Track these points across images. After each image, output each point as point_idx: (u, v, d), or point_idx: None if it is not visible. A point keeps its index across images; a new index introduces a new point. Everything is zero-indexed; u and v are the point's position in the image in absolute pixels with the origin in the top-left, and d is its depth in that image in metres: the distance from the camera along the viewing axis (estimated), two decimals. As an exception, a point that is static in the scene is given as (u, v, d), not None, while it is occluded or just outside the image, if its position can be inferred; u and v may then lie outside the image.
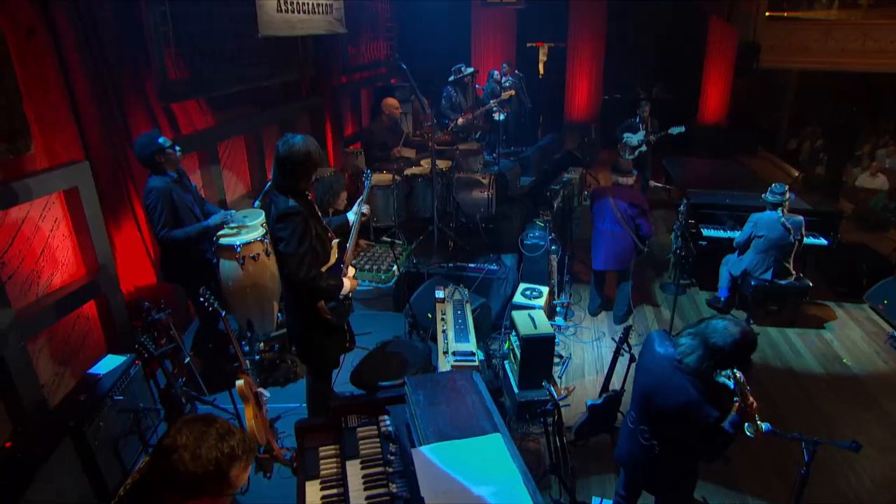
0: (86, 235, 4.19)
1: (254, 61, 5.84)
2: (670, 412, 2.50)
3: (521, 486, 1.92)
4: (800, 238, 5.16)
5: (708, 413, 2.37)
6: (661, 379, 2.54)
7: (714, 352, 2.39)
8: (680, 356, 2.49)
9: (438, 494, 1.90)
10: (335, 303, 3.09)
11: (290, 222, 2.85)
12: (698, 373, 2.43)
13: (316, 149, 2.95)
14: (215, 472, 1.46)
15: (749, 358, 2.49)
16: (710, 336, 2.41)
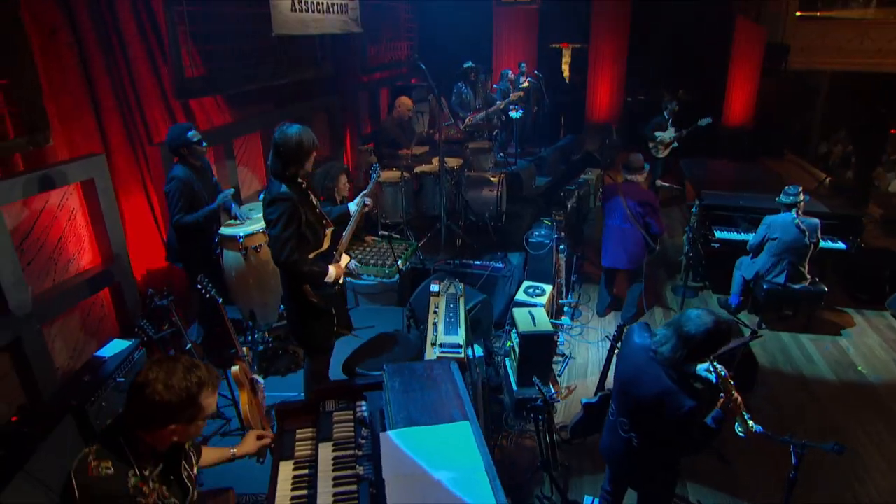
0: (101, 225, 4.36)
1: (269, 60, 5.99)
2: (646, 403, 2.50)
3: (483, 475, 1.94)
4: (815, 241, 5.02)
5: (681, 403, 2.35)
6: (637, 369, 2.55)
7: (686, 340, 2.38)
8: (655, 346, 2.50)
9: (399, 476, 1.94)
10: (321, 287, 3.18)
11: (277, 206, 2.97)
12: (672, 363, 2.42)
13: (309, 138, 3.05)
14: (187, 398, 1.64)
15: (721, 347, 2.45)
16: (683, 325, 2.42)
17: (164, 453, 1.79)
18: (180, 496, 1.84)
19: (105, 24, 4.37)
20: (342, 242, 3.42)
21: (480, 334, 4.51)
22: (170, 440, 1.76)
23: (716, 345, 2.41)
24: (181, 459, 1.89)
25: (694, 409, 2.35)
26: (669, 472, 2.79)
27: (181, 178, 3.86)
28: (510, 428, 4.22)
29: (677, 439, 2.49)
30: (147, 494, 1.71)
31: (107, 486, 1.63)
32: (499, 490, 1.88)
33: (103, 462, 1.66)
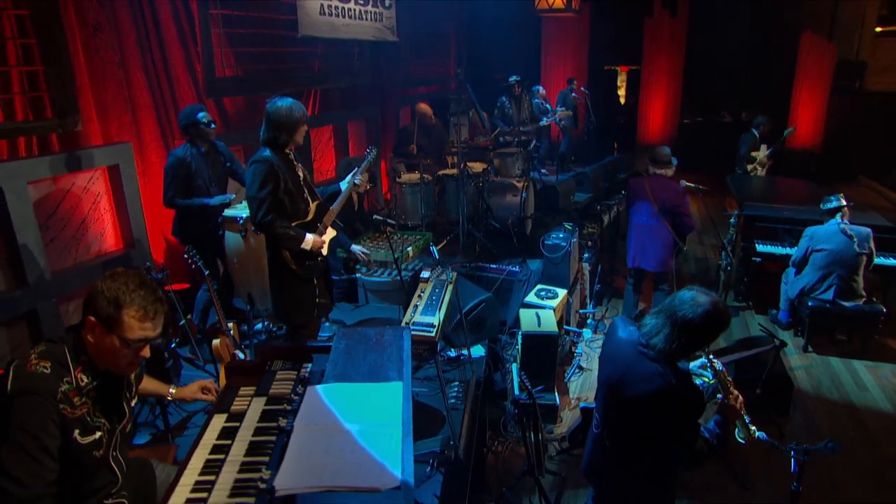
0: (124, 211, 4.59)
1: (305, 66, 6.24)
2: (634, 407, 2.18)
3: (397, 431, 1.81)
4: (868, 252, 4.55)
5: (677, 408, 2.05)
6: (625, 368, 2.22)
7: (682, 326, 2.06)
8: (645, 339, 2.17)
9: (309, 426, 1.85)
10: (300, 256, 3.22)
11: (255, 167, 3.09)
12: (667, 356, 2.10)
13: (299, 110, 3.19)
14: (112, 300, 1.68)
15: (721, 332, 2.13)
16: (677, 310, 2.09)
17: (103, 373, 1.80)
18: (113, 421, 1.84)
19: (145, 25, 4.69)
20: (328, 215, 3.46)
21: (485, 335, 4.35)
22: (105, 361, 1.77)
23: (716, 330, 2.09)
24: (122, 387, 1.90)
25: (694, 414, 2.07)
26: (663, 492, 2.42)
27: (178, 156, 4.00)
28: (509, 435, 4.00)
29: (673, 450, 2.17)
30: (76, 406, 1.72)
31: (38, 383, 1.66)
32: (409, 450, 1.74)
33: (43, 362, 1.70)
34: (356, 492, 1.57)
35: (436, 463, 3.10)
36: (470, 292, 4.42)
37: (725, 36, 9.76)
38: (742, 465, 3.69)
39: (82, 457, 1.71)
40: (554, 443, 3.92)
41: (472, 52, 9.78)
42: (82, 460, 1.72)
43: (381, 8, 6.53)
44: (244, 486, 1.75)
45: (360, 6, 6.08)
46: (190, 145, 4.15)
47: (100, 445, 1.76)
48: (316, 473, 1.62)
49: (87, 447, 1.71)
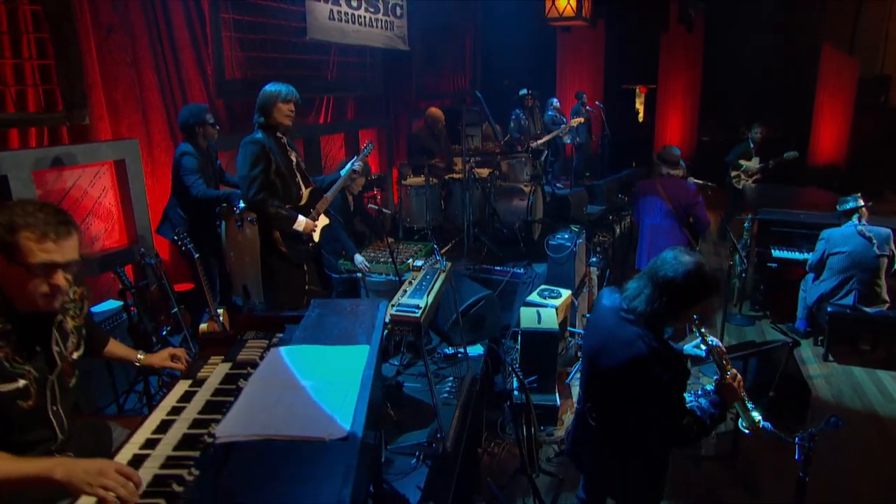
0: (129, 207, 4.63)
1: (315, 73, 6.32)
2: (616, 375, 2.05)
3: (354, 389, 1.70)
4: (889, 254, 4.32)
5: (658, 374, 1.92)
6: (607, 335, 2.11)
7: (663, 286, 1.95)
8: (626, 303, 2.07)
9: (263, 380, 1.76)
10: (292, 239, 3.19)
11: (246, 148, 3.14)
12: (648, 318, 1.99)
13: (278, 90, 3.25)
14: (6, 227, 1.57)
15: (706, 295, 1.99)
16: (658, 270, 2.00)
17: (23, 315, 1.68)
18: (42, 369, 1.74)
19: (158, 27, 4.79)
20: (322, 202, 3.45)
21: (485, 334, 4.23)
22: (18, 296, 1.65)
23: (700, 291, 1.97)
24: (50, 332, 1.78)
25: (676, 377, 1.93)
26: (650, 473, 2.25)
27: (192, 153, 4.02)
28: (507, 436, 3.83)
29: (657, 422, 2.02)
30: None
31: None
32: (363, 408, 1.63)
33: None
34: (300, 441, 1.46)
35: (422, 455, 2.97)
36: (469, 289, 4.31)
37: (743, 51, 9.64)
38: (750, 469, 3.46)
39: (6, 406, 1.61)
40: (553, 445, 3.74)
41: (487, 67, 9.83)
42: (7, 410, 1.61)
43: (392, 17, 6.61)
44: (191, 439, 1.66)
45: (370, 14, 6.16)
46: (189, 143, 4.17)
47: (26, 395, 1.64)
48: (261, 423, 1.53)
49: (9, 395, 1.60)
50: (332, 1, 5.54)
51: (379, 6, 6.32)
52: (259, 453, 1.44)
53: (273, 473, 1.37)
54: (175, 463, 1.56)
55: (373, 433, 2.03)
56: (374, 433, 2.11)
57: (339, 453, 1.42)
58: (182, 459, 1.57)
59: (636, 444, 2.19)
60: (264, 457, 1.43)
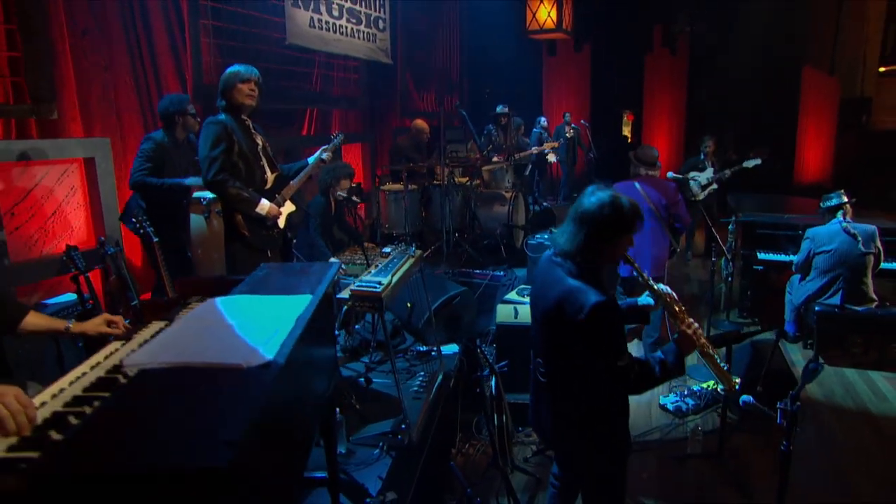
0: (98, 206, 4.52)
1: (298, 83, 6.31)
2: (550, 318, 2.00)
3: (286, 328, 1.57)
4: (875, 251, 4.24)
5: (584, 300, 1.85)
6: (541, 282, 2.11)
7: (583, 220, 1.95)
8: (556, 247, 2.07)
9: (189, 319, 1.63)
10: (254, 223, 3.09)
11: (208, 129, 3.05)
12: (573, 256, 1.97)
13: (247, 71, 3.20)
14: None
15: (625, 227, 1.99)
16: (577, 208, 2.01)
17: None
18: None
19: (136, 31, 4.77)
20: (288, 188, 3.36)
21: (462, 332, 4.08)
22: None
23: (618, 222, 1.95)
24: None
25: (600, 306, 1.84)
26: (603, 427, 2.07)
27: (158, 140, 3.91)
28: (482, 437, 3.63)
29: (589, 361, 1.94)
30: None
31: None
32: (294, 345, 1.49)
33: None
34: (215, 368, 1.32)
35: (385, 446, 2.80)
36: (443, 286, 4.20)
37: (727, 73, 9.78)
38: (740, 468, 3.28)
39: None
40: (531, 446, 3.55)
41: (475, 88, 9.93)
42: None
43: (374, 29, 6.68)
44: (105, 382, 1.50)
45: (352, 24, 6.22)
46: (165, 133, 4.09)
47: None
48: (174, 353, 1.39)
49: None
50: (313, 9, 5.58)
51: (361, 18, 6.38)
52: (168, 381, 1.30)
53: (177, 399, 1.22)
54: (81, 402, 1.40)
55: (321, 383, 1.88)
56: (323, 386, 1.96)
57: (256, 379, 1.27)
58: (90, 400, 1.42)
59: (579, 394, 2.05)
60: (171, 384, 1.28)
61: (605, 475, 2.18)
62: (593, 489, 2.25)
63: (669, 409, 3.89)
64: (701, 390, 4.01)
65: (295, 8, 5.40)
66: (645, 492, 3.16)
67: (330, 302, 2.11)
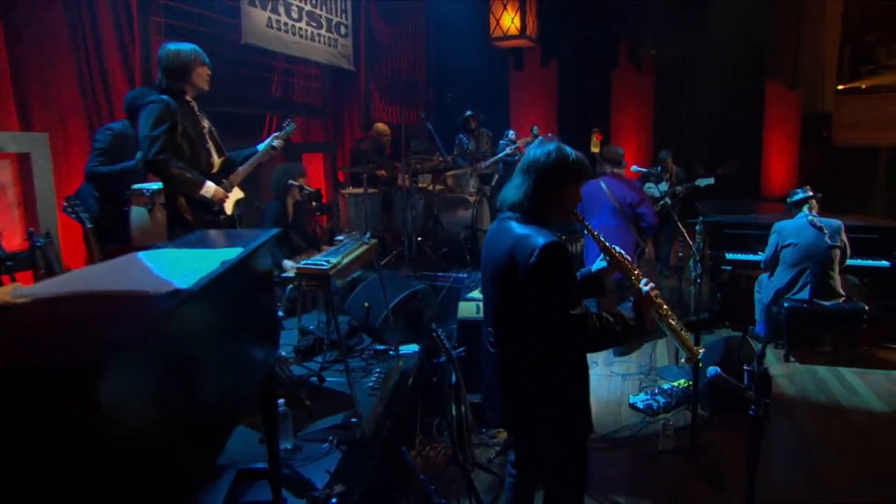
0: (33, 205, 4.33)
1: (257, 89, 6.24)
2: (501, 273, 1.93)
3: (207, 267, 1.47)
4: (841, 245, 4.32)
5: (534, 243, 1.81)
6: (491, 242, 2.04)
7: (531, 170, 1.95)
8: (505, 205, 2.04)
9: (101, 265, 1.51)
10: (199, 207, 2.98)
11: (150, 108, 2.92)
12: (521, 207, 1.95)
13: (189, 51, 3.10)
14: None
15: (574, 175, 1.98)
16: (524, 160, 2.01)
17: None
18: None
19: (82, 27, 4.66)
20: (236, 174, 3.27)
21: (423, 332, 3.97)
22: None
23: (565, 170, 1.94)
24: None
25: (551, 245, 1.80)
26: (559, 404, 1.98)
27: (117, 131, 3.79)
28: (444, 441, 3.50)
29: (542, 310, 1.86)
30: None
31: None
32: (214, 280, 1.39)
33: None
34: (117, 295, 1.21)
35: (336, 440, 2.67)
36: (402, 285, 4.11)
37: (693, 88, 10.07)
38: (712, 462, 3.22)
39: None
40: (495, 447, 3.43)
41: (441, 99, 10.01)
42: None
43: (336, 35, 6.69)
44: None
45: (312, 28, 6.21)
46: (129, 126, 3.96)
47: None
48: (73, 284, 1.27)
49: None
50: (271, 9, 5.56)
51: (322, 22, 6.39)
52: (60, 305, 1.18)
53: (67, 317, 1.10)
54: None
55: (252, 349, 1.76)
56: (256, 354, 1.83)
57: (160, 302, 1.16)
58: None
59: (532, 355, 1.95)
60: (64, 307, 1.16)
61: (564, 451, 2.08)
62: (552, 469, 2.15)
63: (640, 408, 3.82)
64: (672, 388, 3.96)
65: (251, 7, 5.37)
66: (617, 490, 3.07)
67: (266, 267, 2.01)
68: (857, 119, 10.59)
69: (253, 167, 3.42)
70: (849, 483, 3.09)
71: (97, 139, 3.84)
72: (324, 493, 2.28)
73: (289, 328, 4.05)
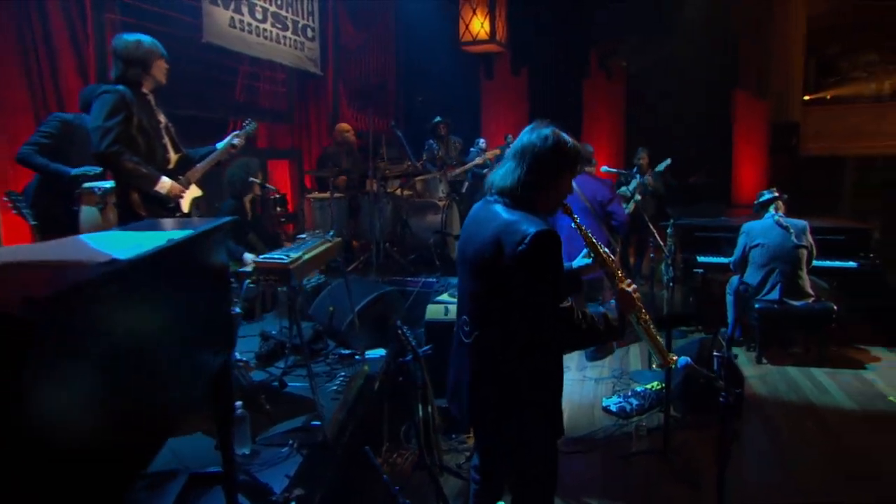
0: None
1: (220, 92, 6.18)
2: (483, 257, 1.86)
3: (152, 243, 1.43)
4: (808, 245, 4.44)
5: (525, 229, 1.75)
6: (473, 226, 1.98)
7: (524, 153, 1.88)
8: (492, 189, 1.96)
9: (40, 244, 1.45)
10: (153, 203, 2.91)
11: (105, 98, 2.85)
12: (512, 192, 1.87)
13: (150, 43, 3.07)
14: None
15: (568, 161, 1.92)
16: (516, 145, 1.94)
17: None
18: None
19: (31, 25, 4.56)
20: (193, 171, 3.23)
21: (390, 336, 3.93)
22: None
23: (560, 154, 1.88)
24: None
25: (544, 234, 1.75)
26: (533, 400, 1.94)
27: (67, 121, 3.68)
28: (412, 448, 3.45)
29: (534, 297, 1.80)
30: None
31: None
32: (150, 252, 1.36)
33: None
34: (53, 265, 1.16)
35: (296, 444, 2.61)
36: (368, 289, 4.08)
37: (664, 96, 10.31)
38: (686, 462, 3.24)
39: None
40: (465, 453, 3.40)
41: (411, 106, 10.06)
42: None
43: (302, 38, 6.68)
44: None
45: (277, 30, 6.19)
46: (81, 119, 3.85)
47: None
48: (8, 256, 1.22)
49: None
50: (234, 9, 5.53)
51: (287, 24, 6.38)
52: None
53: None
54: None
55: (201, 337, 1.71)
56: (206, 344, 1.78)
57: (94, 270, 1.12)
58: None
59: (521, 345, 1.89)
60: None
61: (536, 447, 2.03)
62: (522, 468, 2.10)
63: (613, 411, 3.84)
64: (645, 391, 3.99)
65: (213, 6, 5.33)
66: (590, 492, 3.07)
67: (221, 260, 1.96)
68: (823, 129, 10.98)
69: (211, 165, 3.37)
70: (821, 482, 3.14)
71: (43, 124, 3.72)
72: (282, 497, 2.23)
73: (250, 334, 3.98)
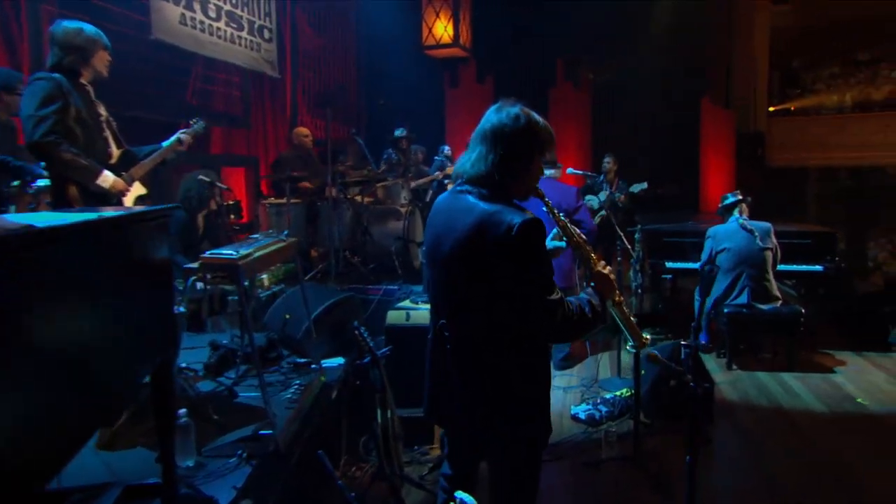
0: None
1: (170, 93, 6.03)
2: (460, 252, 1.78)
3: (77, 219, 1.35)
4: (772, 247, 4.54)
5: (510, 219, 1.69)
6: (445, 220, 1.89)
7: (495, 136, 1.79)
8: (461, 179, 1.89)
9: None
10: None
11: (38, 85, 2.73)
12: (486, 179, 1.80)
13: (92, 32, 2.98)
14: None
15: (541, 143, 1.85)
16: (484, 126, 1.86)
17: None
18: None
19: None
20: (137, 168, 3.15)
21: (349, 344, 3.85)
22: None
23: (534, 136, 1.82)
24: None
25: (532, 223, 1.70)
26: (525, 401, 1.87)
27: None
28: (372, 460, 3.36)
29: (521, 286, 1.73)
30: None
31: None
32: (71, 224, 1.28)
33: None
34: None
35: (245, 454, 2.50)
36: (325, 295, 4.00)
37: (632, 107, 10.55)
38: (657, 468, 3.23)
39: None
40: (428, 464, 3.32)
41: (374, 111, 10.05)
42: None
43: (259, 38, 6.60)
44: None
45: (232, 29, 6.10)
46: None
47: None
48: None
49: None
50: (185, 5, 5.43)
51: (243, 24, 6.30)
52: None
53: None
54: None
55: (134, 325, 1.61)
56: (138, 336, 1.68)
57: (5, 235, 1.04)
58: None
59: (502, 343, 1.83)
60: None
61: (524, 446, 1.94)
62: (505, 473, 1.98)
63: (582, 419, 3.82)
64: (614, 398, 3.98)
65: (162, 1, 5.23)
66: (561, 500, 3.05)
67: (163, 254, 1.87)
68: (787, 140, 11.38)
69: (156, 163, 3.27)
70: (794, 485, 3.17)
71: None
72: (228, 509, 2.12)
73: (199, 346, 3.85)
